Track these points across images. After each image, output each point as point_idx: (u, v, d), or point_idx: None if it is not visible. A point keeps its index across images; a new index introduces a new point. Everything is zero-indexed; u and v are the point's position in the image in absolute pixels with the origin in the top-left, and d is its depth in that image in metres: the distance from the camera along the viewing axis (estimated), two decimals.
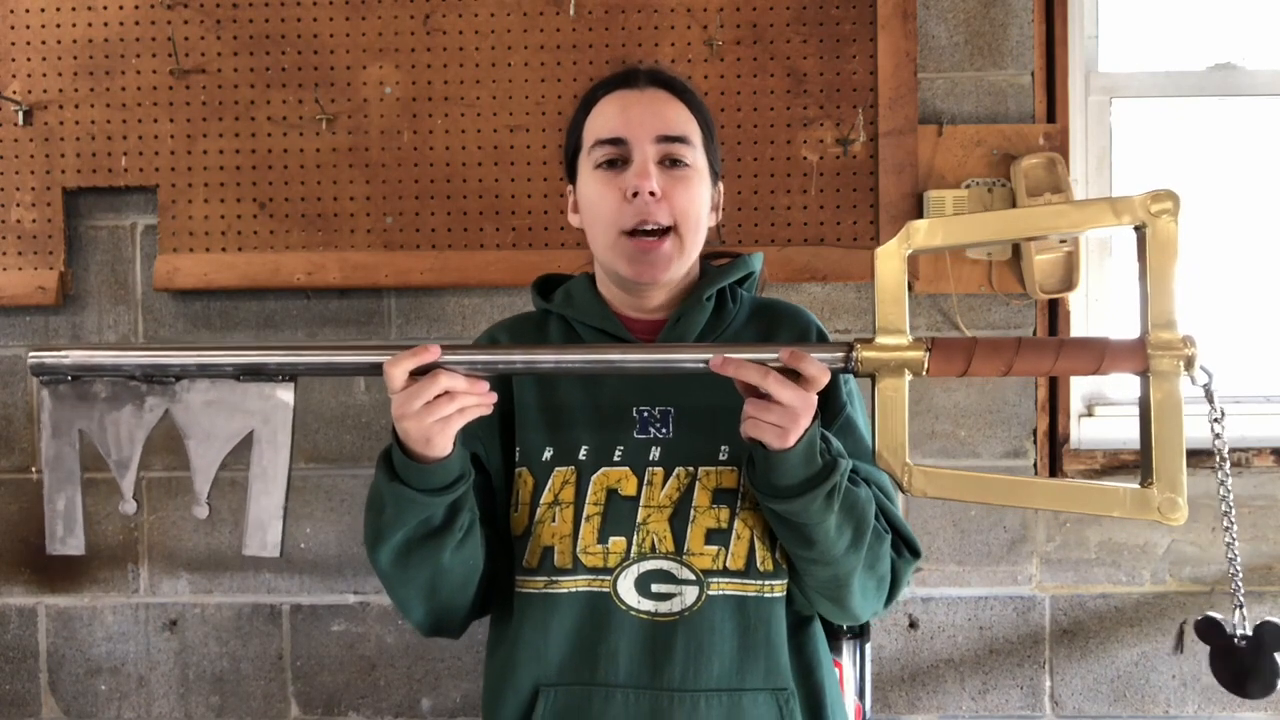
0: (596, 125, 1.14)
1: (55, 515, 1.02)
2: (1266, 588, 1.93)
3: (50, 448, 1.00)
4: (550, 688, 1.10)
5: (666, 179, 1.11)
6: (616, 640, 1.09)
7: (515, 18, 1.87)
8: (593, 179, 1.13)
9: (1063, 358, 0.97)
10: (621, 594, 1.09)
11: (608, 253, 1.13)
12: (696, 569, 1.10)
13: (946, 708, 1.94)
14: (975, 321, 1.91)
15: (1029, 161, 1.86)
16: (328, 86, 1.87)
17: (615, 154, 1.12)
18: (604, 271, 1.20)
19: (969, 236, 1.02)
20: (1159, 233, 0.92)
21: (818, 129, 1.88)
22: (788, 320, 1.22)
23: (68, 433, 1.00)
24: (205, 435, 0.99)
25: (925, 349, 0.99)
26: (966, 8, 1.91)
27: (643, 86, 1.16)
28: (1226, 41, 1.99)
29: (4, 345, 1.94)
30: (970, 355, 0.99)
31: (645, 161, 1.11)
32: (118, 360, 0.96)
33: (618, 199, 1.10)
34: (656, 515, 1.10)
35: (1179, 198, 0.92)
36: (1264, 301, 2.02)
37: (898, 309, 0.99)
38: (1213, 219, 2.02)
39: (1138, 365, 0.97)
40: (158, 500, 1.93)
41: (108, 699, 1.94)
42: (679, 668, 1.08)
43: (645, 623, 1.09)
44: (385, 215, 1.88)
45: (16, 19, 1.88)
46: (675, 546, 1.10)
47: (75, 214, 1.92)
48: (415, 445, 1.01)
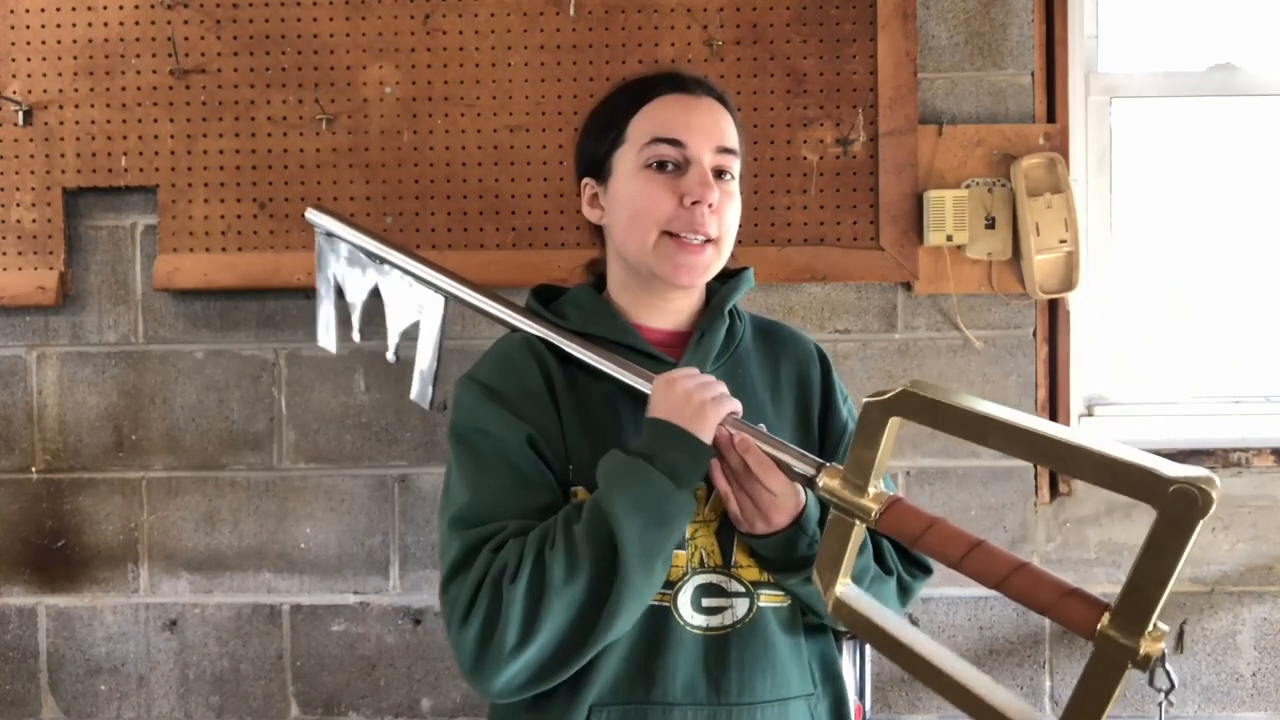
0: (654, 124, 1.12)
1: (319, 321, 1.39)
2: (1267, 588, 1.93)
3: (318, 276, 1.37)
4: (604, 707, 1.06)
5: (717, 190, 1.11)
6: (674, 656, 1.07)
7: (515, 18, 1.87)
8: (643, 177, 1.12)
9: (1016, 578, 0.87)
10: (680, 609, 1.08)
11: (646, 252, 1.12)
12: (746, 580, 1.10)
13: (946, 708, 1.94)
14: (975, 321, 1.91)
15: (1029, 161, 1.86)
16: (328, 86, 1.87)
17: (673, 155, 1.11)
18: (626, 272, 1.18)
19: (959, 431, 0.90)
20: (1183, 519, 0.77)
21: (818, 129, 1.88)
22: (791, 345, 1.24)
23: (323, 267, 1.37)
24: (395, 308, 1.33)
25: (882, 507, 0.95)
26: (966, 8, 1.91)
27: (699, 94, 1.15)
28: (1226, 41, 1.99)
29: (4, 345, 1.94)
30: (924, 530, 0.93)
31: (705, 171, 1.11)
32: (353, 237, 1.33)
33: (673, 202, 1.10)
34: (703, 530, 1.10)
35: (1216, 497, 0.76)
36: (1263, 301, 2.02)
37: (871, 454, 0.95)
38: (1213, 219, 2.02)
39: (1084, 633, 0.83)
40: (158, 500, 1.93)
41: (108, 699, 1.94)
42: (735, 682, 1.07)
43: (700, 637, 1.08)
44: (385, 215, 1.88)
45: (16, 19, 1.88)
46: (723, 560, 1.10)
47: (75, 214, 1.92)
48: (706, 430, 1.03)
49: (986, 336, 1.92)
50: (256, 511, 1.93)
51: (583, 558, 0.98)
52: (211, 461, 1.93)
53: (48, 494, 1.93)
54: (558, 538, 1.00)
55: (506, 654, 0.98)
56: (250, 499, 1.93)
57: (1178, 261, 2.02)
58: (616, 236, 1.16)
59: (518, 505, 1.06)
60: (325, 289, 1.36)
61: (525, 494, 1.07)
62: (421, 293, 1.29)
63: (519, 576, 0.99)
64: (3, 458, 1.94)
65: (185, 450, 1.93)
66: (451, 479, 1.11)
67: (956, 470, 1.92)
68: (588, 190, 1.20)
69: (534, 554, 1.00)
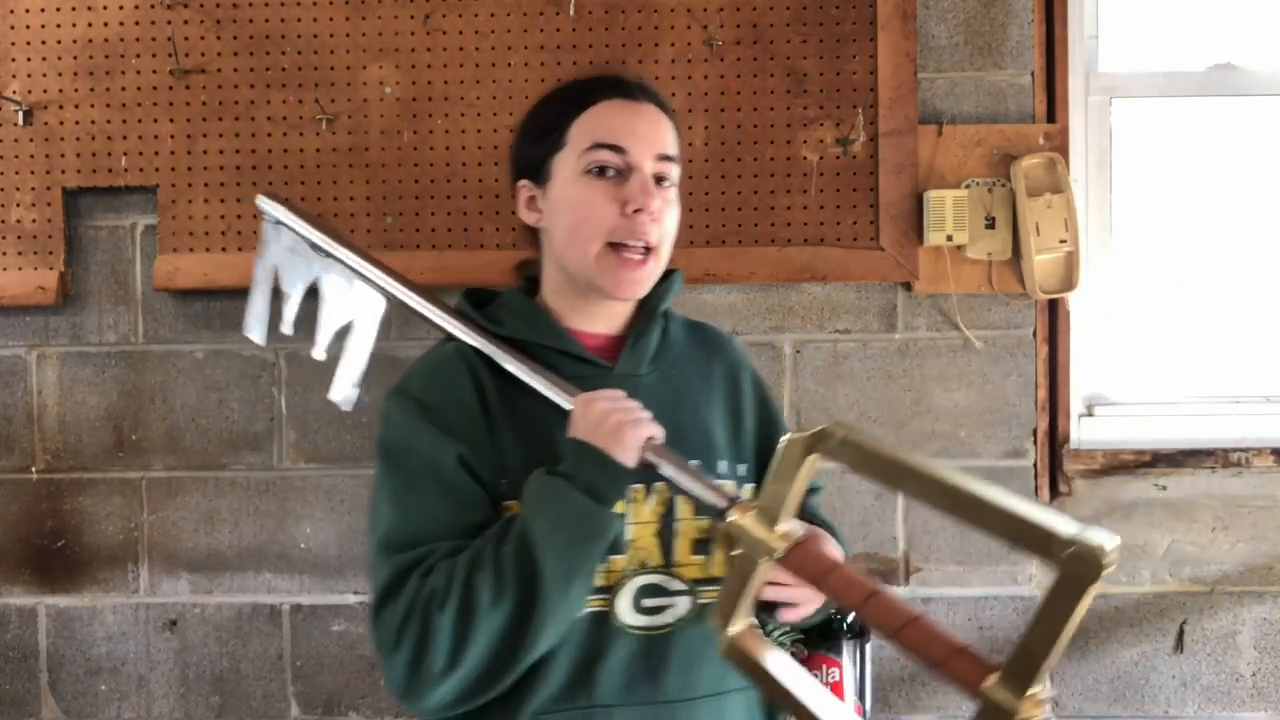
0: (596, 129, 1.12)
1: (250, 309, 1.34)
2: (1267, 588, 1.93)
3: (256, 263, 1.34)
4: (546, 715, 1.07)
5: (658, 198, 1.11)
6: (615, 659, 1.08)
7: (515, 18, 1.87)
8: (584, 182, 1.12)
9: (909, 630, 0.86)
10: (620, 612, 1.09)
11: (589, 263, 1.12)
12: (687, 579, 1.11)
13: (947, 708, 1.94)
14: (975, 321, 1.91)
15: (1029, 161, 1.86)
16: (328, 86, 1.87)
17: (614, 161, 1.11)
18: (563, 278, 1.17)
19: (876, 475, 0.91)
20: (1076, 582, 0.75)
21: (818, 129, 1.88)
22: (721, 346, 1.27)
23: (264, 255, 1.34)
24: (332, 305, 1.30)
25: (789, 545, 0.95)
26: (966, 8, 1.91)
27: (641, 100, 1.15)
28: (1226, 41, 1.99)
29: (4, 345, 1.94)
30: (826, 573, 0.93)
31: (647, 179, 1.11)
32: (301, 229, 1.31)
33: (615, 210, 1.10)
34: (644, 532, 1.11)
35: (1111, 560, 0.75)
36: (1263, 301, 2.02)
37: (786, 488, 0.95)
38: (1212, 219, 2.02)
39: (969, 693, 0.82)
40: (158, 500, 1.93)
41: (108, 699, 1.94)
42: (674, 678, 1.08)
43: (640, 638, 1.09)
44: (385, 215, 1.88)
45: (16, 19, 1.88)
46: (664, 560, 1.11)
47: (75, 214, 1.92)
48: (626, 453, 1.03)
49: (986, 336, 1.92)
50: (256, 511, 1.93)
51: (508, 580, 0.99)
52: (211, 461, 1.93)
53: (48, 494, 1.93)
54: (486, 560, 1.01)
55: (436, 677, 1.00)
56: (250, 499, 1.93)
57: (1178, 261, 2.02)
58: (557, 243, 1.15)
59: (448, 526, 1.06)
60: (263, 277, 1.33)
61: (455, 514, 1.07)
62: (362, 292, 1.28)
63: (447, 603, 1.00)
64: (3, 458, 1.94)
65: (185, 450, 1.92)
66: (379, 497, 1.10)
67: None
68: (524, 192, 1.19)
69: (463, 579, 1.01)
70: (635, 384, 1.15)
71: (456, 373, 1.14)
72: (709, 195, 1.88)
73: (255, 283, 1.33)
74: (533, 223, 1.19)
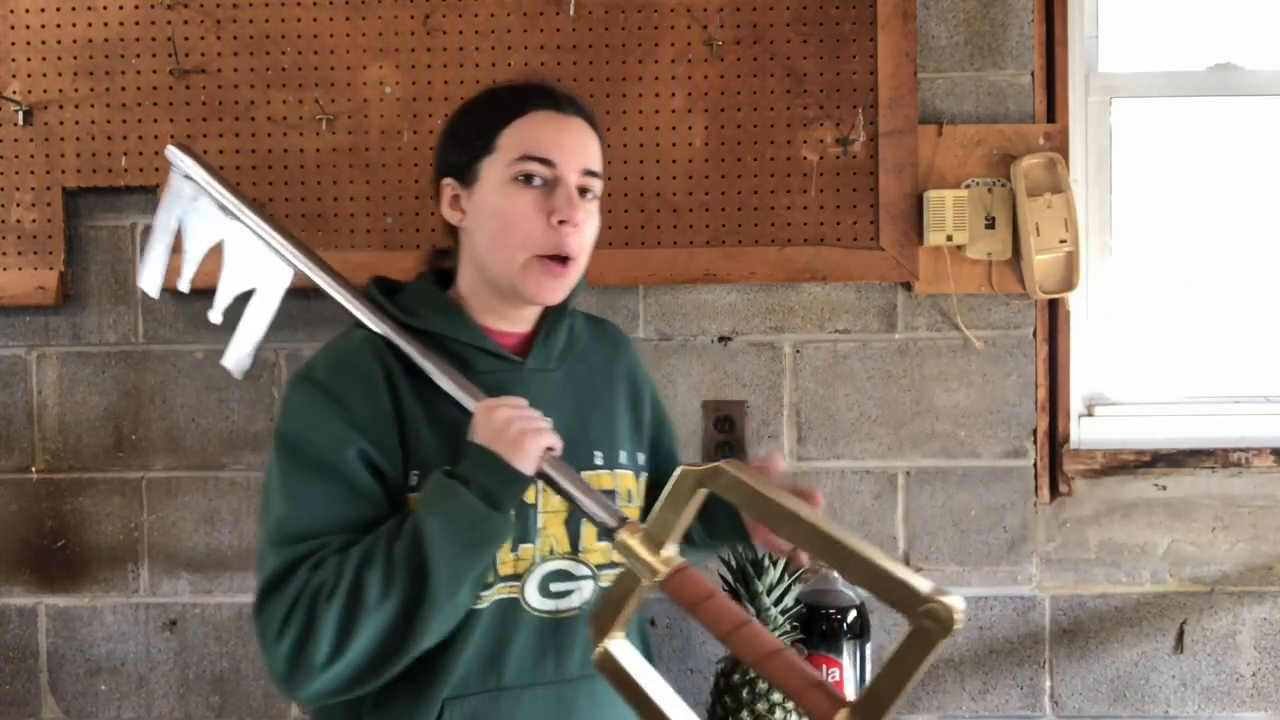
0: (526, 140, 1.15)
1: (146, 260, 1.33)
2: (1267, 588, 1.93)
3: (160, 214, 1.32)
4: (458, 699, 1.10)
5: (582, 210, 1.16)
6: (522, 643, 1.13)
7: (515, 18, 1.87)
8: (510, 191, 1.15)
9: (770, 662, 0.91)
10: (528, 597, 1.14)
11: (514, 270, 1.16)
12: (591, 564, 1.18)
13: (946, 708, 1.94)
14: (975, 321, 1.91)
15: (1029, 161, 1.86)
16: (328, 86, 1.87)
17: (542, 173, 1.15)
18: (482, 278, 1.20)
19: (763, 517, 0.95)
20: (928, 636, 0.81)
21: (818, 129, 1.88)
22: (617, 340, 1.36)
23: (170, 208, 1.31)
24: (235, 269, 1.29)
25: (670, 571, 0.99)
26: (966, 8, 1.91)
27: (570, 114, 1.19)
28: (1226, 41, 1.99)
29: (4, 345, 1.94)
30: (701, 600, 0.97)
31: (572, 192, 1.16)
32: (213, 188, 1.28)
33: (540, 221, 1.14)
34: (553, 520, 1.16)
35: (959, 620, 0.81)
36: (1264, 301, 2.02)
37: (674, 518, 0.99)
38: (1213, 219, 2.02)
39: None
40: (158, 500, 1.93)
41: (108, 699, 1.94)
42: (579, 658, 1.15)
43: (547, 621, 1.14)
44: (385, 215, 1.88)
45: (16, 19, 1.88)
46: (571, 547, 1.17)
47: (75, 214, 1.92)
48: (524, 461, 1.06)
49: (986, 336, 1.92)
50: (256, 511, 1.93)
51: (398, 578, 1.01)
52: (211, 461, 1.93)
53: (48, 494, 1.93)
54: (378, 556, 1.03)
55: (317, 668, 1.02)
56: (250, 499, 1.93)
57: (1178, 261, 2.02)
58: (480, 245, 1.18)
59: (341, 521, 1.08)
60: (164, 229, 1.31)
61: (350, 509, 1.09)
62: (269, 261, 1.26)
63: (334, 596, 1.01)
64: (3, 458, 1.94)
65: (185, 450, 1.92)
66: (272, 485, 1.11)
67: (956, 470, 1.92)
68: (448, 191, 1.21)
69: (352, 573, 1.02)
70: (545, 378, 1.21)
71: (365, 362, 1.15)
72: (709, 195, 1.88)
73: (155, 233, 1.31)
74: (455, 222, 1.21)
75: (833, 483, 1.93)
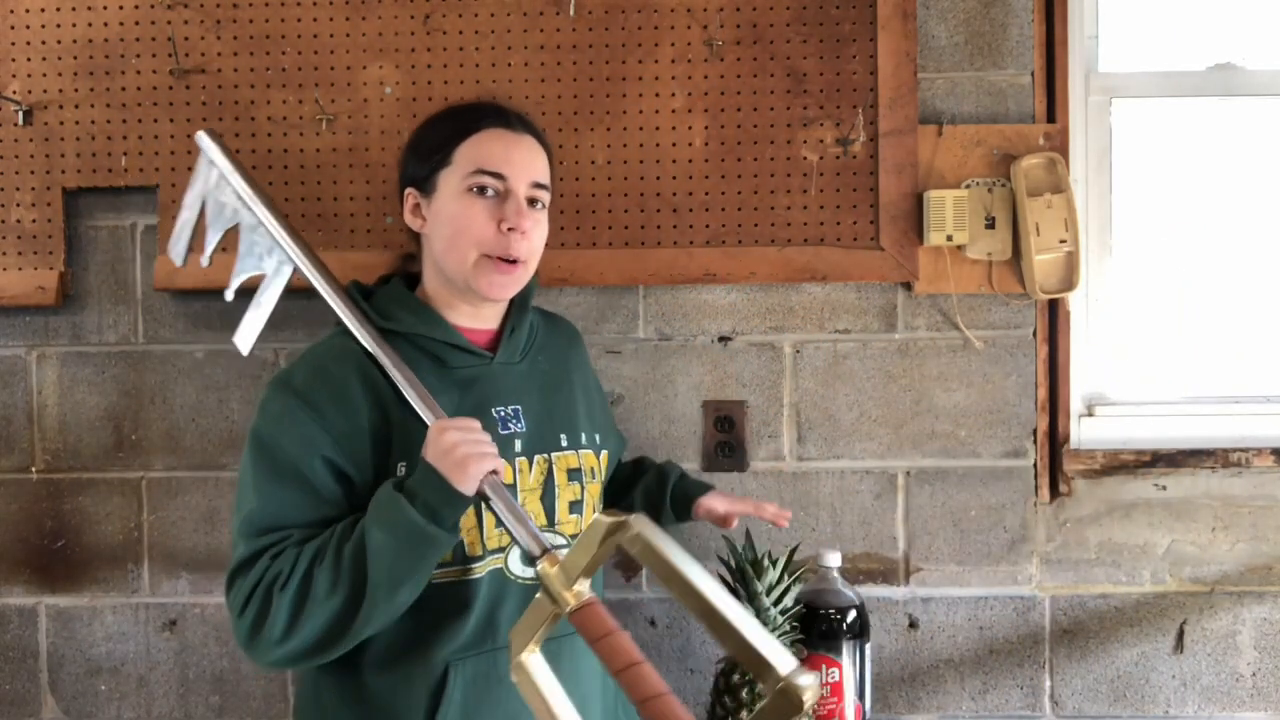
0: (479, 155, 1.30)
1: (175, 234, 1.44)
2: (1267, 588, 1.93)
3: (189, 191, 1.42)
4: (461, 660, 1.25)
5: (530, 219, 1.31)
6: (512, 607, 1.27)
7: (515, 18, 1.87)
8: (466, 199, 1.30)
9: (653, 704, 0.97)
10: (511, 567, 1.29)
11: (466, 269, 1.30)
12: (566, 535, 1.33)
13: (946, 708, 1.94)
14: (975, 321, 1.91)
15: (1029, 161, 1.86)
16: (328, 86, 1.87)
17: (494, 185, 1.30)
18: (442, 279, 1.34)
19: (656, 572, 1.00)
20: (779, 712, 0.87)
21: (818, 129, 1.88)
22: (574, 337, 1.54)
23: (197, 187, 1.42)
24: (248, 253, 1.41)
25: (578, 604, 1.08)
26: (966, 8, 1.91)
27: (520, 131, 1.34)
28: (1226, 41, 1.99)
29: (4, 345, 1.94)
30: (602, 636, 1.04)
31: (521, 202, 1.30)
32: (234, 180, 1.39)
33: (491, 228, 1.29)
34: (530, 497, 1.31)
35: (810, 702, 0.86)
36: (1264, 301, 2.02)
37: (585, 559, 1.07)
38: (1213, 219, 2.02)
39: None
40: (158, 500, 1.93)
41: (108, 699, 1.94)
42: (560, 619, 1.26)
43: (531, 586, 1.27)
44: (385, 215, 1.88)
45: (16, 19, 1.88)
46: (548, 520, 1.32)
47: (75, 214, 1.92)
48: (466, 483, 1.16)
49: (986, 336, 1.92)
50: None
51: (343, 578, 1.15)
52: (211, 461, 1.93)
53: (48, 494, 1.93)
54: (327, 556, 1.17)
55: (272, 644, 1.18)
56: None
57: (1178, 261, 2.02)
58: (437, 249, 1.33)
59: (303, 518, 1.22)
60: (192, 205, 1.42)
61: (311, 509, 1.22)
62: (277, 255, 1.39)
63: (288, 586, 1.17)
64: (3, 458, 1.94)
65: (185, 450, 1.93)
66: (245, 479, 1.26)
67: (956, 470, 1.92)
68: (410, 200, 1.36)
69: (305, 568, 1.17)
70: (512, 370, 1.36)
71: (343, 371, 1.29)
72: (709, 195, 1.88)
73: (183, 208, 1.43)
74: (417, 228, 1.36)
75: (833, 483, 1.93)
